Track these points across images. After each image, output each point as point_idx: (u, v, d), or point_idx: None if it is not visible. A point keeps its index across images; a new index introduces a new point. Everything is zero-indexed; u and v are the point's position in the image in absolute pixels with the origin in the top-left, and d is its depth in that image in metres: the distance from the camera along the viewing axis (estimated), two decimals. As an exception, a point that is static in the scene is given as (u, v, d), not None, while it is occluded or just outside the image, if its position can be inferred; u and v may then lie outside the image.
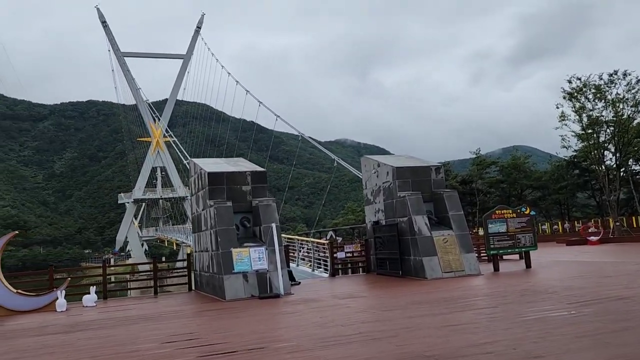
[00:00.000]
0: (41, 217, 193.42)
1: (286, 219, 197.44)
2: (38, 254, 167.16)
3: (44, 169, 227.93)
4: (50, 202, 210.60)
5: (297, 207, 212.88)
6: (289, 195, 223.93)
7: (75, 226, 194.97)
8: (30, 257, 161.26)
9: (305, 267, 25.26)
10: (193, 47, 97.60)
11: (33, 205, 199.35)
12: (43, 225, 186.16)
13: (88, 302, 16.42)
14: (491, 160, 64.30)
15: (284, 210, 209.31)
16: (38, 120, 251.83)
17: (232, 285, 15.39)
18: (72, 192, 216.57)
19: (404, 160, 20.83)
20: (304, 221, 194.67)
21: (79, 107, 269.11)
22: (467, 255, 18.30)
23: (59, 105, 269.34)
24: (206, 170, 17.32)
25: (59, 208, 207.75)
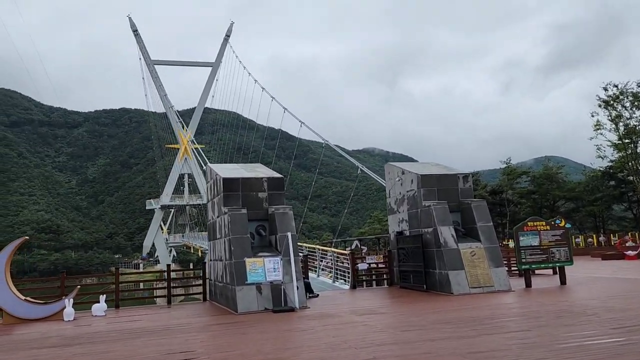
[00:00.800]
0: (74, 221, 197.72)
1: (313, 227, 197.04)
2: (70, 257, 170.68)
3: (77, 175, 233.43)
4: (83, 207, 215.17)
5: (324, 216, 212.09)
6: (317, 203, 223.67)
7: (106, 231, 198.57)
8: (62, 260, 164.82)
9: (326, 278, 24.35)
10: (222, 55, 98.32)
11: (66, 210, 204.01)
12: (75, 230, 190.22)
13: (97, 311, 15.88)
14: (522, 170, 62.21)
15: (311, 218, 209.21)
16: (73, 127, 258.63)
17: (244, 297, 14.61)
18: (104, 198, 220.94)
19: (429, 168, 19.78)
20: (331, 230, 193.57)
21: (112, 114, 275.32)
22: (496, 270, 17.10)
23: (93, 113, 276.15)
24: (221, 176, 16.66)
25: (91, 213, 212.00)
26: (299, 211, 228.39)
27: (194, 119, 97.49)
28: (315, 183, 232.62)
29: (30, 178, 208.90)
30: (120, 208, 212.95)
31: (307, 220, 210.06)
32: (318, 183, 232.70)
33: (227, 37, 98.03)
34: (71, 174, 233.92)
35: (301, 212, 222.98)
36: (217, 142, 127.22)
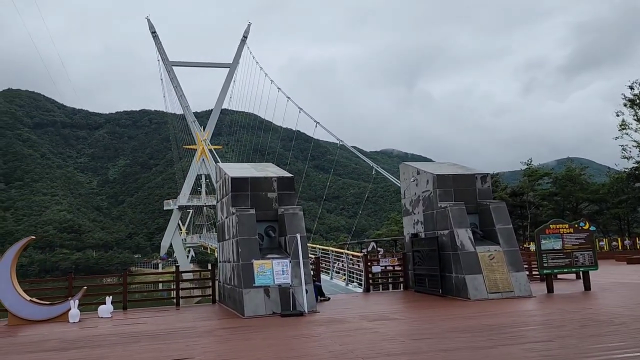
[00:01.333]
0: (94, 221, 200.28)
1: (330, 229, 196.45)
2: (91, 257, 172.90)
3: (98, 175, 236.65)
4: (104, 207, 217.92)
5: (341, 217, 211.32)
6: (334, 205, 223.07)
7: (126, 231, 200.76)
8: (83, 260, 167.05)
9: (340, 281, 23.75)
10: (239, 56, 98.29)
11: (87, 210, 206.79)
12: (96, 230, 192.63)
13: (103, 312, 15.55)
14: (544, 172, 60.63)
15: (328, 219, 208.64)
16: (94, 129, 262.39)
17: (251, 301, 14.11)
18: (124, 198, 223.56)
19: (446, 168, 19.07)
20: (348, 231, 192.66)
21: (132, 116, 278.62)
22: (516, 274, 16.32)
23: (114, 114, 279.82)
24: (230, 175, 16.21)
25: (111, 213, 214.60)
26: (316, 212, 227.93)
27: (211, 120, 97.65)
28: (333, 184, 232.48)
29: (52, 179, 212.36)
30: (140, 208, 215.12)
31: (325, 222, 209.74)
32: (336, 184, 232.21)
33: (244, 38, 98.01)
34: (92, 174, 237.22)
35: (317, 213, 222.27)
36: (235, 143, 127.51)
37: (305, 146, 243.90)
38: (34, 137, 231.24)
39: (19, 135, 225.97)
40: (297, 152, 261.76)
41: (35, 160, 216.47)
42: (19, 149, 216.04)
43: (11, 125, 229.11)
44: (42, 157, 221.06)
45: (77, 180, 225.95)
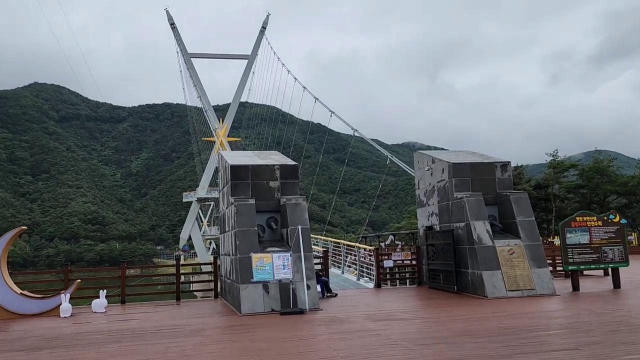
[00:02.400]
0: (118, 213, 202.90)
1: (351, 222, 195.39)
2: (114, 248, 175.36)
3: (122, 168, 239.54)
4: (127, 199, 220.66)
5: (362, 210, 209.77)
6: (355, 197, 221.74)
7: (149, 223, 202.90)
8: (107, 251, 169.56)
9: (351, 276, 22.68)
10: (258, 47, 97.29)
11: (111, 202, 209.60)
12: (119, 222, 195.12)
13: (97, 307, 14.80)
14: (570, 163, 58.05)
15: (349, 212, 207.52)
16: (118, 122, 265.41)
17: (249, 297, 13.15)
18: (147, 191, 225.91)
19: (463, 156, 17.77)
20: (370, 224, 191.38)
21: (155, 109, 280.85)
22: (538, 271, 15.01)
23: (137, 108, 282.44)
24: (229, 163, 15.25)
25: (134, 205, 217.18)
26: (337, 205, 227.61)
27: (230, 112, 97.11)
28: (353, 177, 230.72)
29: (77, 171, 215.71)
30: (163, 201, 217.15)
31: (346, 215, 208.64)
32: (357, 177, 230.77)
33: (263, 29, 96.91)
34: (116, 167, 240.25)
35: (340, 206, 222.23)
36: (256, 136, 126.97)
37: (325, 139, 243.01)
38: (60, 130, 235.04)
39: (45, 128, 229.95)
40: (318, 145, 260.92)
41: (61, 153, 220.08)
42: (45, 142, 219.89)
43: (37, 119, 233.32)
44: (67, 150, 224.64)
45: (101, 172, 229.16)
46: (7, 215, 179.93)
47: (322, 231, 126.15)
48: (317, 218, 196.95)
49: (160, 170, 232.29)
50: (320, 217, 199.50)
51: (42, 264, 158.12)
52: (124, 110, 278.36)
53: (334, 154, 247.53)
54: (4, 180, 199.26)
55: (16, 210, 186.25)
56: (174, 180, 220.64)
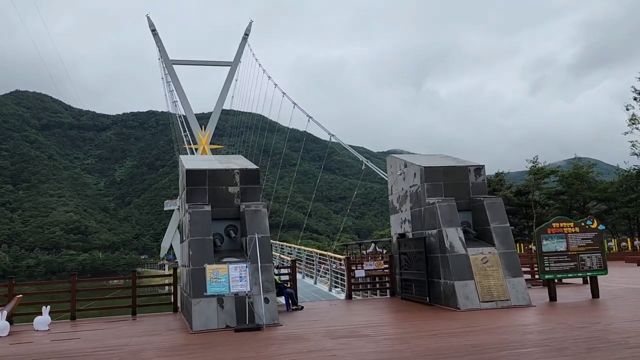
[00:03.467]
0: (101, 222, 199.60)
1: (337, 230, 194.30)
2: (97, 258, 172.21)
3: (105, 177, 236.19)
4: (110, 208, 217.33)
5: (348, 218, 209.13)
6: (341, 205, 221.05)
7: (133, 232, 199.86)
8: (89, 261, 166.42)
9: (324, 286, 21.72)
10: (240, 54, 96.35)
11: (94, 211, 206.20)
12: (103, 231, 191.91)
13: (39, 325, 13.62)
14: (550, 169, 57.86)
15: (335, 220, 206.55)
16: (101, 130, 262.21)
17: (201, 312, 12.14)
18: (131, 199, 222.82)
19: (436, 159, 16.98)
20: (355, 232, 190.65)
21: (139, 117, 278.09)
22: (513, 280, 14.20)
23: (121, 116, 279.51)
24: (185, 167, 14.27)
25: (118, 214, 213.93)
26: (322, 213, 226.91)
27: (212, 119, 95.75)
28: (339, 185, 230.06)
29: (59, 180, 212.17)
30: (147, 209, 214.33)
31: (332, 222, 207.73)
32: (342, 185, 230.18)
33: (245, 36, 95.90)
34: (99, 175, 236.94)
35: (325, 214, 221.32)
36: (242, 144, 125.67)
37: (311, 147, 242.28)
38: (41, 138, 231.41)
39: (26, 137, 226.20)
40: (304, 153, 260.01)
41: (42, 161, 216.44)
42: (26, 151, 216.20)
43: (18, 127, 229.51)
44: (49, 159, 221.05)
45: (84, 181, 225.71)
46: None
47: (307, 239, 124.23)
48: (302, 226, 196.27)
49: (145, 179, 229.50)
50: (306, 225, 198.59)
51: (21, 275, 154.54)
52: (107, 118, 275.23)
53: (320, 161, 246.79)
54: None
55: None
56: (159, 188, 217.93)
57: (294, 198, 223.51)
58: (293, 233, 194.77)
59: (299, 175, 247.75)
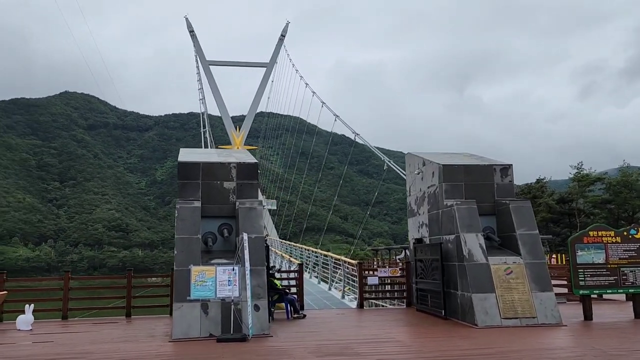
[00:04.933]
0: (141, 221, 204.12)
1: (373, 234, 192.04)
2: (137, 255, 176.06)
3: (146, 176, 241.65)
4: (151, 207, 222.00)
5: (384, 222, 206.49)
6: (378, 210, 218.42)
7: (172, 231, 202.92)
8: (129, 258, 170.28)
9: (338, 293, 20.30)
10: (276, 55, 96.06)
11: (135, 210, 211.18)
12: (142, 229, 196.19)
13: (21, 324, 12.83)
14: (596, 176, 54.24)
15: (371, 225, 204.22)
16: (144, 131, 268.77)
17: (183, 318, 11.00)
18: (171, 199, 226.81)
19: (457, 158, 15.35)
20: (392, 237, 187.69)
21: (180, 118, 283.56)
22: (541, 295, 12.45)
23: (163, 117, 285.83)
24: (178, 160, 13.23)
25: (158, 213, 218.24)
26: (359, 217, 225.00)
27: (246, 120, 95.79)
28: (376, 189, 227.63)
29: (103, 178, 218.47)
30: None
31: (368, 227, 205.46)
32: (380, 189, 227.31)
33: (282, 37, 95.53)
34: (141, 175, 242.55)
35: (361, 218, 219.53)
36: (280, 147, 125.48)
37: (348, 150, 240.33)
38: (88, 138, 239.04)
39: (74, 136, 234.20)
40: (341, 156, 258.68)
41: (88, 160, 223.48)
42: (73, 149, 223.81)
43: (67, 127, 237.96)
44: (94, 158, 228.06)
45: (126, 180, 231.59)
46: (34, 220, 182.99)
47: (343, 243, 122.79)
48: (339, 229, 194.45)
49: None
50: (342, 229, 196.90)
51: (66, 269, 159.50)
52: (150, 119, 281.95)
53: (357, 165, 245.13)
54: (32, 187, 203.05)
55: (43, 215, 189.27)
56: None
57: (330, 201, 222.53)
58: (328, 236, 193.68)
59: (336, 178, 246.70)
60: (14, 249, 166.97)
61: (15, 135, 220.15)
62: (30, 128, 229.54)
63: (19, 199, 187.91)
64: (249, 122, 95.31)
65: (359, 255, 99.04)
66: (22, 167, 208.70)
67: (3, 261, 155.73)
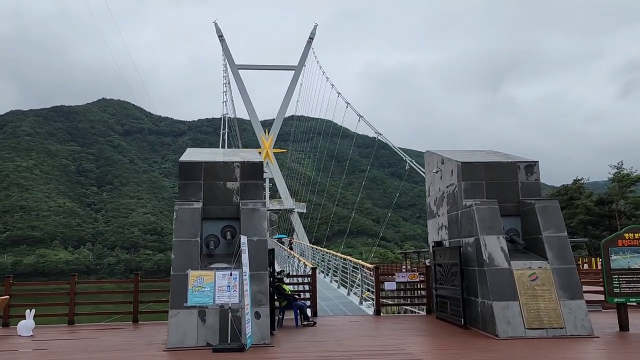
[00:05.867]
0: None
1: (406, 237, 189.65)
2: (171, 258, 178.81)
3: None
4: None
5: (417, 225, 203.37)
6: (410, 212, 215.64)
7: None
8: (164, 261, 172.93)
9: (357, 298, 19.43)
10: (305, 58, 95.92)
11: (170, 214, 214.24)
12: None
13: (22, 330, 12.50)
14: (637, 177, 51.45)
15: (404, 227, 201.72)
16: (178, 135, 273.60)
17: (179, 326, 10.40)
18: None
19: (477, 155, 14.31)
20: (425, 240, 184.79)
21: (213, 122, 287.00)
22: (570, 303, 11.33)
23: (196, 122, 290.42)
24: (180, 159, 12.69)
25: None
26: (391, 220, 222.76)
27: (275, 123, 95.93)
28: (409, 192, 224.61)
29: (139, 183, 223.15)
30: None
31: (400, 230, 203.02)
32: (412, 192, 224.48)
33: (310, 39, 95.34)
34: (175, 179, 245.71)
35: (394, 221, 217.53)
36: (311, 150, 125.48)
37: (381, 153, 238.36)
38: (124, 143, 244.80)
39: (110, 141, 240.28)
40: (373, 159, 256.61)
41: (124, 165, 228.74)
42: (110, 155, 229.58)
43: (104, 133, 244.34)
44: (130, 163, 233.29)
45: (161, 184, 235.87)
46: (74, 224, 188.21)
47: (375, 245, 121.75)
48: (371, 232, 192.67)
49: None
50: (373, 232, 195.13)
51: (103, 272, 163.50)
52: (184, 124, 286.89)
53: (389, 168, 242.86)
54: (72, 191, 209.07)
55: (82, 219, 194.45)
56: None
57: (362, 204, 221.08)
58: (361, 239, 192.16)
59: (368, 181, 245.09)
60: (54, 252, 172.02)
61: (55, 142, 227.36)
62: (70, 134, 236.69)
63: (59, 203, 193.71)
64: (277, 124, 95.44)
65: (389, 258, 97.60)
66: (62, 173, 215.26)
67: (44, 264, 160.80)
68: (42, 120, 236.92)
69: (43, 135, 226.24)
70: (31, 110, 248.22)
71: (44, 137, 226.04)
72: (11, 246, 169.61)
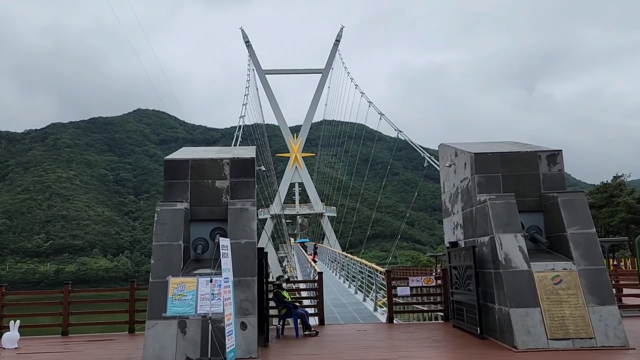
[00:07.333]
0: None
1: (441, 240, 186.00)
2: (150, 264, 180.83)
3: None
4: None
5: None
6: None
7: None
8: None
9: (371, 304, 18.18)
10: (332, 61, 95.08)
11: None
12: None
13: (7, 342, 11.87)
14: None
15: (440, 230, 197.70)
16: (212, 143, 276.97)
17: (156, 339, 9.49)
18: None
19: (494, 146, 12.96)
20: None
21: (246, 129, 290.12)
22: (600, 309, 9.88)
23: (229, 129, 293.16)
24: (165, 158, 11.87)
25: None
26: (426, 223, 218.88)
27: (304, 127, 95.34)
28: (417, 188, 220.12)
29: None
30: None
31: (436, 233, 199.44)
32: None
33: (337, 42, 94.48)
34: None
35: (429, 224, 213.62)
36: (343, 154, 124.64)
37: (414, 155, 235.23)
38: (159, 152, 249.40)
39: (147, 151, 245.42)
40: (406, 162, 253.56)
41: (160, 174, 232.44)
42: (146, 164, 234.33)
43: (140, 142, 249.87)
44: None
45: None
46: (112, 232, 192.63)
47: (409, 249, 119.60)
48: (405, 236, 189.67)
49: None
50: (408, 235, 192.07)
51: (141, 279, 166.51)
52: (217, 132, 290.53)
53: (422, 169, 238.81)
54: (110, 200, 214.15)
55: (120, 228, 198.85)
56: (265, 198, 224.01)
57: (395, 207, 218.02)
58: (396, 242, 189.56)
59: (401, 184, 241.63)
60: (95, 260, 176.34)
61: (94, 152, 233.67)
62: (107, 145, 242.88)
63: (98, 212, 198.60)
64: (306, 129, 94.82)
65: (422, 261, 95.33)
66: (101, 182, 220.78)
67: (85, 271, 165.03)
68: (80, 132, 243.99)
69: (82, 147, 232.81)
70: (70, 122, 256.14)
71: (83, 148, 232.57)
72: (54, 255, 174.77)
